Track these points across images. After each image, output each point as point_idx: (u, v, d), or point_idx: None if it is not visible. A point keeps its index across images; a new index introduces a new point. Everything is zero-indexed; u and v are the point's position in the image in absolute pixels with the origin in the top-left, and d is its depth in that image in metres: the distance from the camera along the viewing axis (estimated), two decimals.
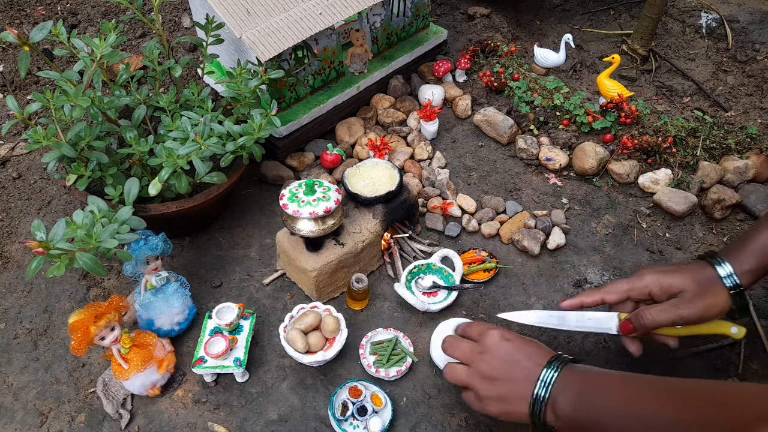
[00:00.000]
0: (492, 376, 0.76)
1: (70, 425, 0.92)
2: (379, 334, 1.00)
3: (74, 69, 1.01)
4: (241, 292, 1.08)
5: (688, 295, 0.80)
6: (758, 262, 0.80)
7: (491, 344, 0.78)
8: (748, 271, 0.80)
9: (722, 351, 0.98)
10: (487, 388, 0.76)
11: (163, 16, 1.71)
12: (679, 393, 0.67)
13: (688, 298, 0.80)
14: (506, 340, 0.78)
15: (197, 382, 0.96)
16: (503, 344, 0.77)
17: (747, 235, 0.84)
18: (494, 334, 0.79)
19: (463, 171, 1.28)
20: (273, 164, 1.26)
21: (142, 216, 0.93)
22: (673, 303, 0.81)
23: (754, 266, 0.80)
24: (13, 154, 1.36)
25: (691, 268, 0.83)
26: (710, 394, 0.66)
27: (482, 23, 1.63)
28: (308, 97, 1.29)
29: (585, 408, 0.70)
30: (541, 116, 1.32)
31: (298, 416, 0.92)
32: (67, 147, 0.91)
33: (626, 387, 0.71)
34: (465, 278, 1.08)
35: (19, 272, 1.13)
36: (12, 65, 1.58)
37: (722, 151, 1.24)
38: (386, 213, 1.06)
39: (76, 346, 0.83)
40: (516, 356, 0.76)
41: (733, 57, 1.55)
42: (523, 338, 0.79)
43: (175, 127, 1.01)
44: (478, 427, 0.90)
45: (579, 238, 1.15)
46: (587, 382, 0.72)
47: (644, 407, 0.67)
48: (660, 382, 0.70)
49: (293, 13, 1.13)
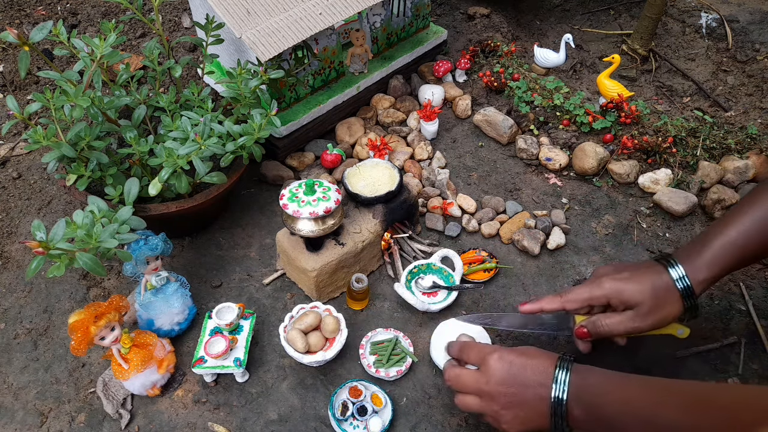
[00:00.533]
0: (505, 403, 0.75)
1: (70, 425, 0.92)
2: (379, 334, 1.00)
3: (74, 69, 1.01)
4: (241, 292, 1.08)
5: (644, 309, 0.81)
6: (714, 272, 0.81)
7: (494, 371, 0.76)
8: (703, 281, 0.80)
9: (722, 351, 0.98)
10: (504, 414, 0.76)
11: (163, 16, 1.71)
12: (681, 396, 0.67)
13: (643, 312, 0.81)
14: (507, 363, 0.76)
15: (197, 382, 0.96)
16: (505, 367, 0.76)
17: (707, 238, 0.83)
18: (494, 360, 0.77)
19: (463, 171, 1.28)
20: (273, 164, 1.26)
21: (142, 216, 0.93)
22: (629, 316, 0.82)
23: (709, 276, 0.80)
24: (13, 154, 1.36)
25: (649, 276, 0.82)
26: (711, 397, 0.66)
27: (482, 23, 1.63)
28: (308, 97, 1.29)
29: (595, 409, 0.71)
30: (541, 116, 1.32)
31: (298, 416, 0.92)
32: (67, 147, 0.91)
33: (630, 388, 0.71)
34: (465, 278, 1.08)
35: (19, 272, 1.13)
36: (12, 65, 1.58)
37: (722, 151, 1.24)
38: (386, 213, 1.06)
39: (76, 346, 0.83)
40: (522, 376, 0.75)
41: (733, 57, 1.55)
42: (521, 352, 0.78)
43: (175, 127, 1.01)
44: (478, 427, 0.90)
45: (579, 238, 1.15)
46: (595, 382, 0.73)
47: (647, 409, 0.67)
48: (661, 384, 0.70)
49: (293, 13, 1.13)
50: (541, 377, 0.74)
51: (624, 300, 0.81)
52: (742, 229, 0.80)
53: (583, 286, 0.85)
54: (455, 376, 0.81)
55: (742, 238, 0.80)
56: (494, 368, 0.76)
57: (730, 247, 0.80)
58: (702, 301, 1.05)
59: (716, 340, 0.99)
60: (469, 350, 0.82)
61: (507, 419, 0.76)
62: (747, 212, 0.81)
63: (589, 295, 0.84)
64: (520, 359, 0.76)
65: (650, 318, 0.81)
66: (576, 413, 0.72)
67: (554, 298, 0.86)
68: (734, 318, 1.03)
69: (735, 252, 0.80)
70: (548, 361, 0.76)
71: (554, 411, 0.73)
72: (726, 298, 1.06)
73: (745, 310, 1.04)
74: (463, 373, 0.80)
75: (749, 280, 1.08)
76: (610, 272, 0.85)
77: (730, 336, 1.00)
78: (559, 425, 0.73)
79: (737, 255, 0.80)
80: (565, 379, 0.73)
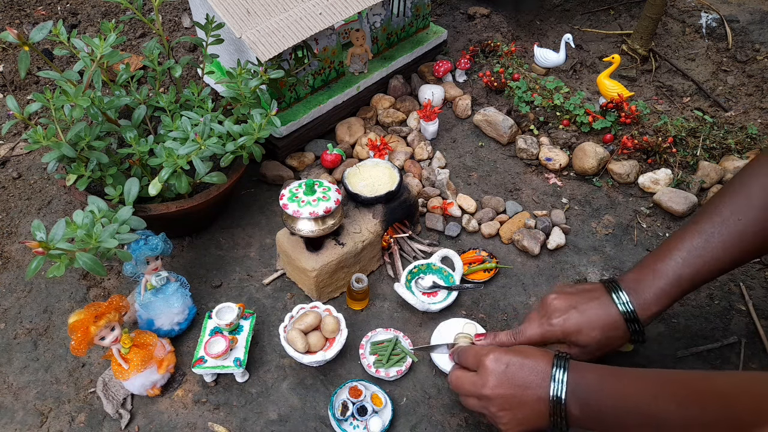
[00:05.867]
0: (502, 405, 0.75)
1: (70, 425, 0.92)
2: (379, 334, 1.00)
3: (74, 69, 1.01)
4: (241, 292, 1.08)
5: (592, 348, 0.82)
6: (662, 305, 0.81)
7: (490, 374, 0.76)
8: (651, 315, 0.81)
9: (722, 351, 0.98)
10: (502, 416, 0.76)
11: (163, 16, 1.71)
12: (677, 387, 0.67)
13: (590, 350, 0.82)
14: (503, 364, 0.76)
15: (197, 382, 0.96)
16: (501, 369, 0.76)
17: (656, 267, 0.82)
18: (489, 362, 0.77)
19: (463, 171, 1.28)
20: (273, 164, 1.26)
21: (142, 216, 0.94)
22: (576, 354, 0.83)
23: (657, 310, 0.81)
24: (13, 154, 1.36)
25: (597, 312, 0.82)
26: (707, 387, 0.66)
27: (482, 23, 1.63)
28: (308, 97, 1.29)
29: (593, 405, 0.71)
30: (541, 116, 1.32)
31: (298, 416, 0.92)
32: (67, 147, 0.91)
33: (626, 383, 0.71)
34: (465, 278, 1.08)
35: (19, 272, 1.13)
36: (12, 65, 1.58)
37: (722, 151, 1.24)
38: (386, 213, 1.06)
39: (76, 346, 0.83)
40: (519, 377, 0.75)
41: (733, 57, 1.55)
42: (517, 351, 0.78)
43: (175, 127, 1.01)
44: (478, 427, 0.90)
45: (579, 238, 1.15)
46: (592, 378, 0.73)
47: (644, 403, 0.67)
48: (657, 376, 0.71)
49: (293, 13, 1.13)
50: (539, 377, 0.74)
51: (574, 342, 0.82)
52: (688, 257, 0.80)
53: (534, 325, 0.85)
54: (455, 379, 0.82)
55: (688, 269, 0.80)
56: (490, 371, 0.76)
57: (678, 278, 0.80)
58: (702, 301, 1.05)
59: (716, 340, 0.99)
60: (466, 354, 0.82)
61: (505, 421, 0.76)
62: (691, 237, 0.81)
63: (540, 336, 0.84)
64: (517, 359, 0.76)
65: (597, 353, 0.83)
66: (574, 411, 0.72)
67: (509, 339, 0.87)
68: (734, 318, 1.03)
69: (683, 284, 0.80)
70: (545, 359, 0.76)
71: (554, 410, 0.73)
72: (726, 298, 1.06)
73: (745, 310, 1.04)
74: (462, 377, 0.81)
75: (749, 280, 1.08)
76: (560, 309, 0.84)
77: (730, 336, 1.00)
78: (559, 424, 0.73)
79: (684, 286, 0.81)
80: (562, 378, 0.73)
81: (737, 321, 1.02)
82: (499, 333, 0.88)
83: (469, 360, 0.81)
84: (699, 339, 0.99)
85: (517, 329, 0.87)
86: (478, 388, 0.77)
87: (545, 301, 0.86)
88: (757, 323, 1.01)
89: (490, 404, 0.76)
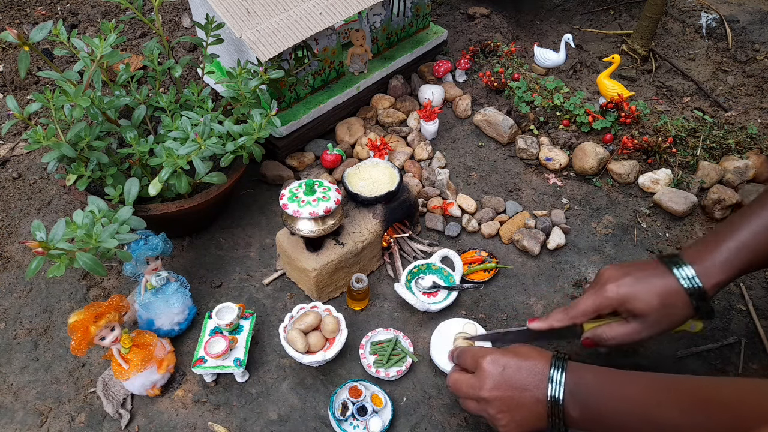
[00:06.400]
0: (500, 407, 0.75)
1: (70, 425, 0.92)
2: (379, 334, 1.00)
3: (74, 69, 1.01)
4: (241, 292, 1.08)
5: (651, 319, 0.78)
6: (729, 274, 0.77)
7: (487, 376, 0.76)
8: (717, 284, 0.77)
9: (722, 351, 0.98)
10: (501, 418, 0.76)
11: (163, 16, 1.71)
12: (680, 394, 0.67)
13: (650, 322, 0.78)
14: (501, 366, 0.76)
15: (197, 382, 0.96)
16: (499, 371, 0.76)
17: (719, 238, 0.79)
18: (487, 364, 0.77)
19: (463, 171, 1.28)
20: (273, 164, 1.26)
21: (142, 216, 0.93)
22: (635, 329, 0.79)
23: (723, 279, 0.77)
24: (13, 154, 1.36)
25: (655, 281, 0.78)
26: (710, 395, 0.66)
27: (482, 23, 1.63)
28: (308, 97, 1.29)
29: (592, 407, 0.71)
30: (541, 116, 1.32)
31: (298, 416, 0.92)
32: (67, 147, 0.91)
33: (627, 386, 0.71)
34: (465, 278, 1.08)
35: (19, 272, 1.13)
36: (12, 65, 1.58)
37: (722, 151, 1.24)
38: (386, 213, 1.06)
39: (76, 346, 0.83)
40: (516, 379, 0.75)
41: (733, 57, 1.55)
42: (515, 353, 0.77)
43: (175, 127, 1.01)
44: (478, 427, 0.90)
45: (579, 238, 1.15)
46: (591, 379, 0.73)
47: (645, 408, 0.67)
48: (659, 381, 0.70)
49: (293, 13, 1.13)
50: (536, 378, 0.74)
51: (629, 310, 0.79)
52: (755, 230, 0.77)
53: (588, 296, 0.82)
54: (454, 381, 0.82)
55: (753, 241, 0.77)
56: (488, 373, 0.76)
57: (744, 249, 0.76)
58: None
59: (716, 340, 0.99)
60: (465, 356, 0.82)
61: (504, 423, 0.76)
62: (759, 214, 0.77)
63: (595, 307, 0.81)
64: (514, 361, 0.76)
65: (657, 327, 0.78)
66: (573, 412, 0.72)
67: (562, 315, 0.84)
68: (734, 318, 1.03)
69: (748, 255, 0.77)
70: (542, 360, 0.75)
71: (551, 411, 0.73)
72: (726, 298, 1.06)
73: (745, 310, 1.04)
74: (460, 379, 0.81)
75: (749, 280, 1.08)
76: (614, 276, 0.81)
77: (730, 336, 1.00)
78: (557, 425, 0.73)
79: (749, 258, 0.77)
80: (560, 379, 0.73)
81: (737, 321, 1.02)
82: (551, 314, 0.85)
83: (468, 361, 0.81)
84: (699, 339, 0.99)
85: (570, 306, 0.84)
86: (475, 390, 0.77)
87: (599, 273, 0.83)
88: (757, 323, 1.01)
89: (488, 406, 0.76)
